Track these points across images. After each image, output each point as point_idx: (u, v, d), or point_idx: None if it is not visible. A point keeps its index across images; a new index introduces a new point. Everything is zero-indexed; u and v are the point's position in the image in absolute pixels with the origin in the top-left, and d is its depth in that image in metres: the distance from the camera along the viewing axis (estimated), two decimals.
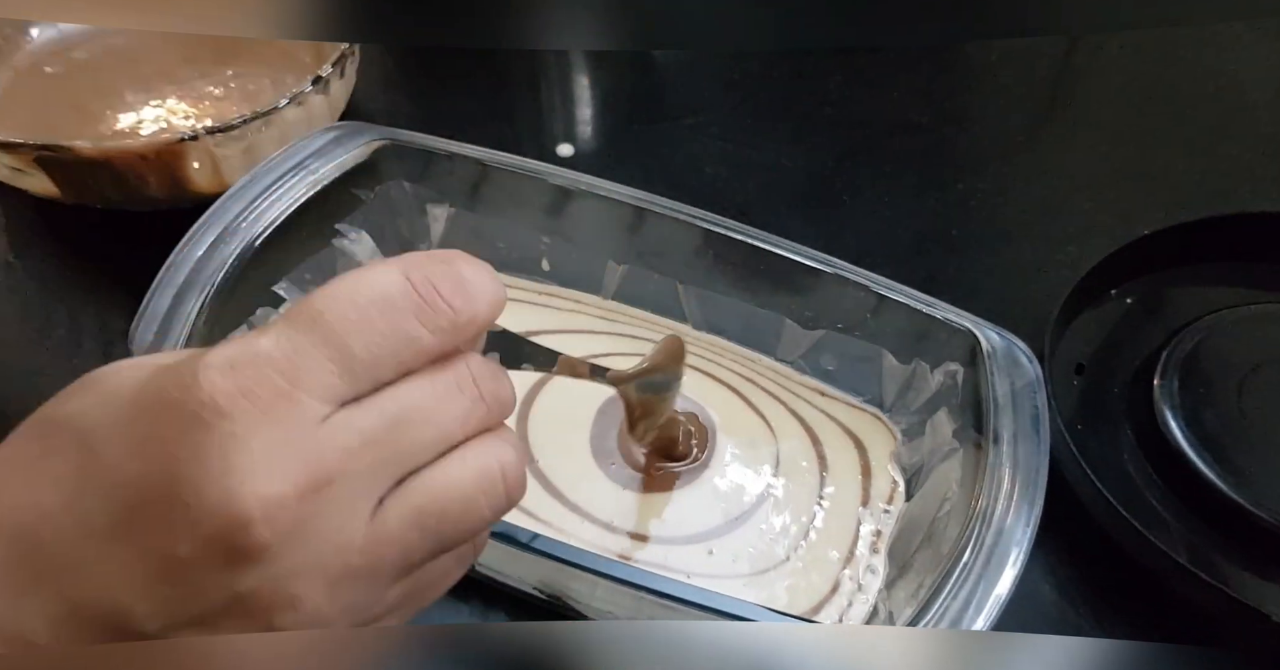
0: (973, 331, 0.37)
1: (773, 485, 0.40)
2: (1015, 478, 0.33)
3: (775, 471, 0.41)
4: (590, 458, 0.41)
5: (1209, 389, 0.41)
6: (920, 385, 0.41)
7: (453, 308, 0.21)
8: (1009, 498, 0.32)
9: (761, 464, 0.41)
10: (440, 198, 0.45)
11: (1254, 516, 0.37)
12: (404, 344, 0.21)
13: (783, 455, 0.41)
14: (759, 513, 0.39)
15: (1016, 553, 0.31)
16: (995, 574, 0.30)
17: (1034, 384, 0.36)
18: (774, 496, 0.40)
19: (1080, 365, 0.45)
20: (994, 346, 0.37)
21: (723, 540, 0.39)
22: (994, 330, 0.37)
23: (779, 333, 0.43)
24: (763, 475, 0.41)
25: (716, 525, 0.39)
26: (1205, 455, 0.39)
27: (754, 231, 0.40)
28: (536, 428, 0.42)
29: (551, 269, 0.47)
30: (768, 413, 0.43)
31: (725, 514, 0.39)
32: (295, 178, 0.40)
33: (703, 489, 0.40)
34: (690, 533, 0.39)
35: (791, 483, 0.41)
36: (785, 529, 0.39)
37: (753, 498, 0.40)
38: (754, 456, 0.41)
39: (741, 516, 0.39)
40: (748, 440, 0.42)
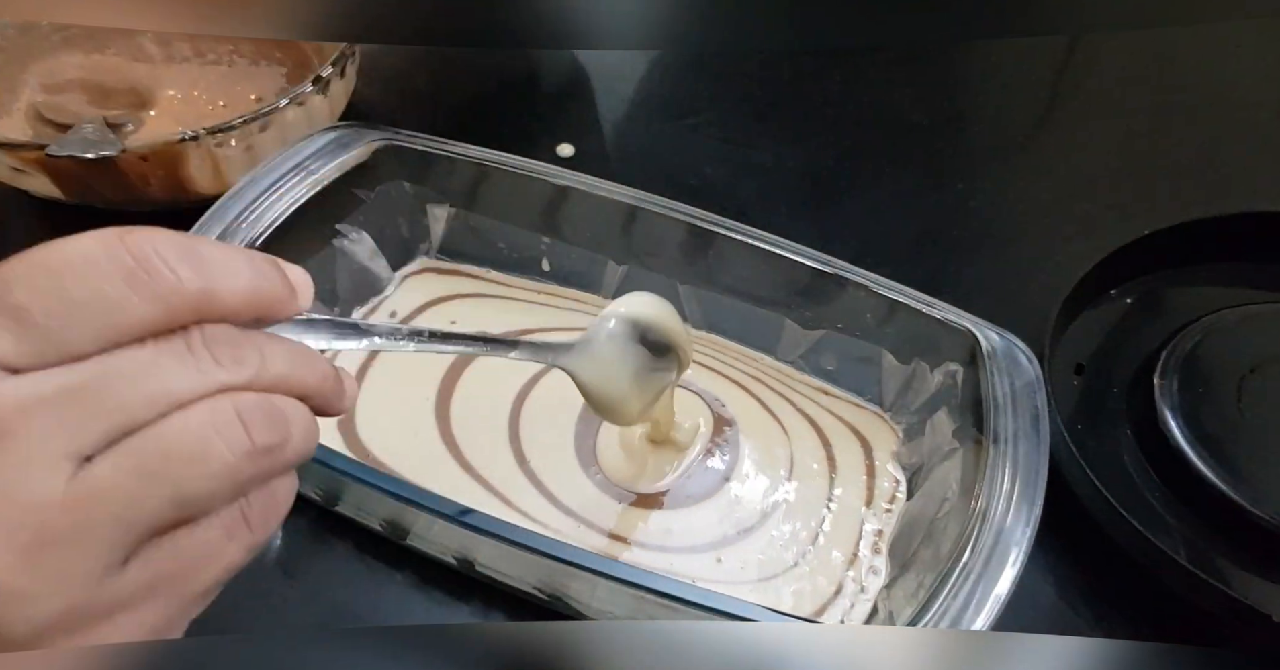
0: (972, 331, 0.37)
1: (786, 491, 0.40)
2: (1015, 477, 0.33)
3: (789, 475, 0.41)
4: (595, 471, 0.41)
5: (1209, 389, 0.41)
6: (920, 385, 0.41)
7: (177, 274, 0.19)
8: (1009, 498, 0.32)
9: (778, 468, 0.41)
10: (440, 198, 0.45)
11: (1253, 516, 0.37)
12: (106, 309, 0.19)
13: (796, 458, 0.41)
14: (771, 520, 0.39)
15: (1016, 552, 0.31)
16: (995, 574, 0.30)
17: (1034, 384, 0.36)
18: (787, 502, 0.40)
19: (1080, 365, 0.45)
20: (994, 346, 0.37)
21: (733, 549, 0.38)
22: (994, 330, 0.37)
23: (779, 333, 0.43)
24: (778, 481, 0.40)
25: (728, 535, 0.39)
26: (1205, 455, 0.39)
27: (754, 231, 0.40)
28: (527, 430, 0.41)
29: (551, 269, 0.47)
30: (780, 413, 0.43)
31: (739, 525, 0.39)
32: (295, 178, 0.40)
33: (723, 500, 0.40)
34: (701, 542, 0.38)
35: (803, 486, 0.40)
36: (795, 535, 0.39)
37: (768, 506, 0.39)
38: (771, 460, 0.41)
39: (755, 526, 0.39)
40: (764, 444, 0.42)
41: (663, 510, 0.39)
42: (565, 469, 0.40)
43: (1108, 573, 0.39)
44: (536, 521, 0.38)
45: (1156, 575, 0.36)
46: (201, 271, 0.20)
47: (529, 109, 0.60)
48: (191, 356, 0.20)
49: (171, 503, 0.19)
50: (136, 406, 0.19)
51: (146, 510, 0.19)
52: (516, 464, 0.40)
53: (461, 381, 0.43)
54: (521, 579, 0.36)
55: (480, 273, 0.47)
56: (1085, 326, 0.46)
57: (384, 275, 0.46)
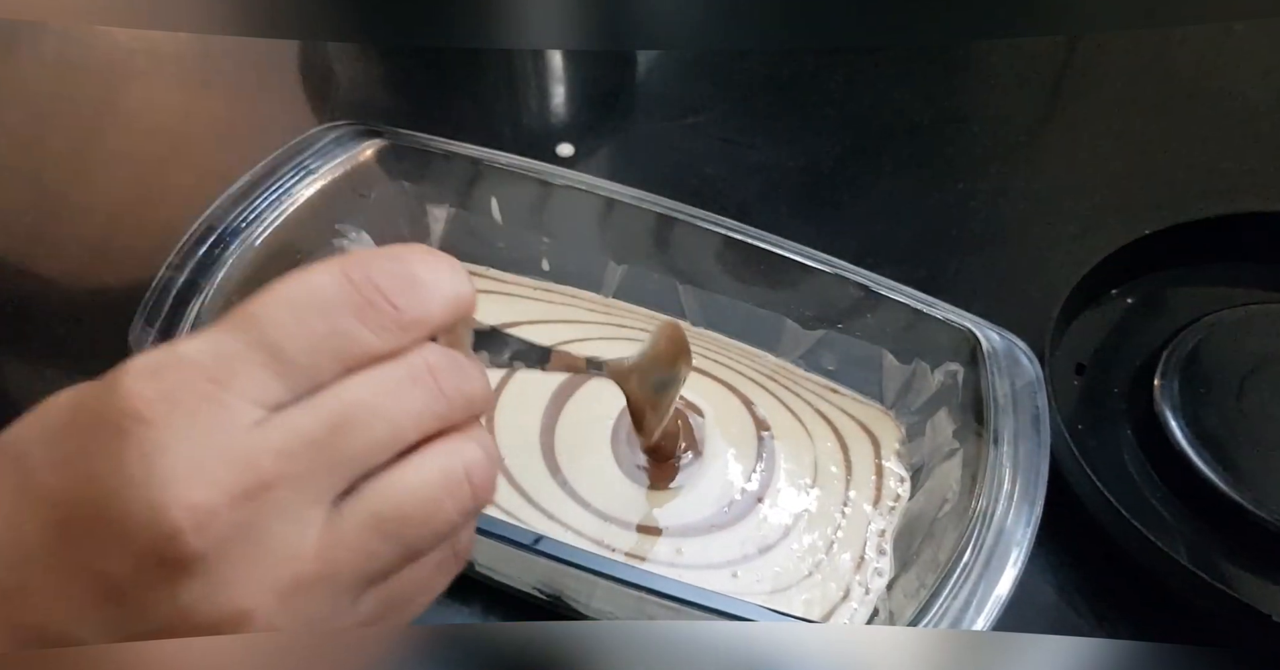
0: (973, 331, 0.37)
1: (809, 501, 0.39)
2: (1015, 478, 0.33)
3: (813, 482, 0.40)
4: (621, 475, 0.40)
5: (1209, 389, 0.41)
6: (921, 385, 0.41)
7: (396, 307, 0.21)
8: (1009, 498, 0.32)
9: (805, 476, 0.40)
10: (440, 198, 0.45)
11: (1254, 516, 0.37)
12: (344, 344, 0.20)
13: (819, 463, 0.40)
14: (793, 534, 0.38)
15: (1017, 553, 0.31)
16: (995, 574, 0.30)
17: (1034, 384, 0.36)
18: (808, 513, 0.39)
19: (1080, 365, 0.44)
20: (994, 346, 0.37)
21: (751, 565, 0.37)
22: (994, 330, 0.37)
23: (779, 333, 0.43)
24: (803, 491, 0.39)
25: (749, 554, 0.38)
26: (1205, 455, 0.39)
27: (754, 231, 0.40)
28: (561, 439, 0.41)
29: (551, 269, 0.47)
30: (801, 414, 0.42)
31: (761, 543, 0.38)
32: (295, 178, 0.40)
33: (751, 522, 0.38)
34: (719, 561, 0.37)
35: (823, 493, 0.39)
36: (813, 545, 0.38)
37: (791, 520, 0.38)
38: (800, 470, 0.40)
39: (776, 543, 0.38)
40: (794, 451, 0.41)
41: (684, 537, 0.38)
42: (601, 483, 0.39)
43: (1108, 573, 0.38)
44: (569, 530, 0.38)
45: (1157, 575, 0.36)
46: (417, 300, 0.21)
47: (529, 109, 0.60)
48: (416, 388, 0.21)
49: (402, 557, 0.21)
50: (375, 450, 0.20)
51: (382, 562, 0.21)
52: (549, 474, 0.40)
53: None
54: (521, 579, 0.36)
55: (480, 271, 0.47)
56: (1086, 326, 0.46)
57: None
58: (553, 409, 0.42)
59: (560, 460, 0.40)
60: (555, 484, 0.39)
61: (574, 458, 0.40)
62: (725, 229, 0.40)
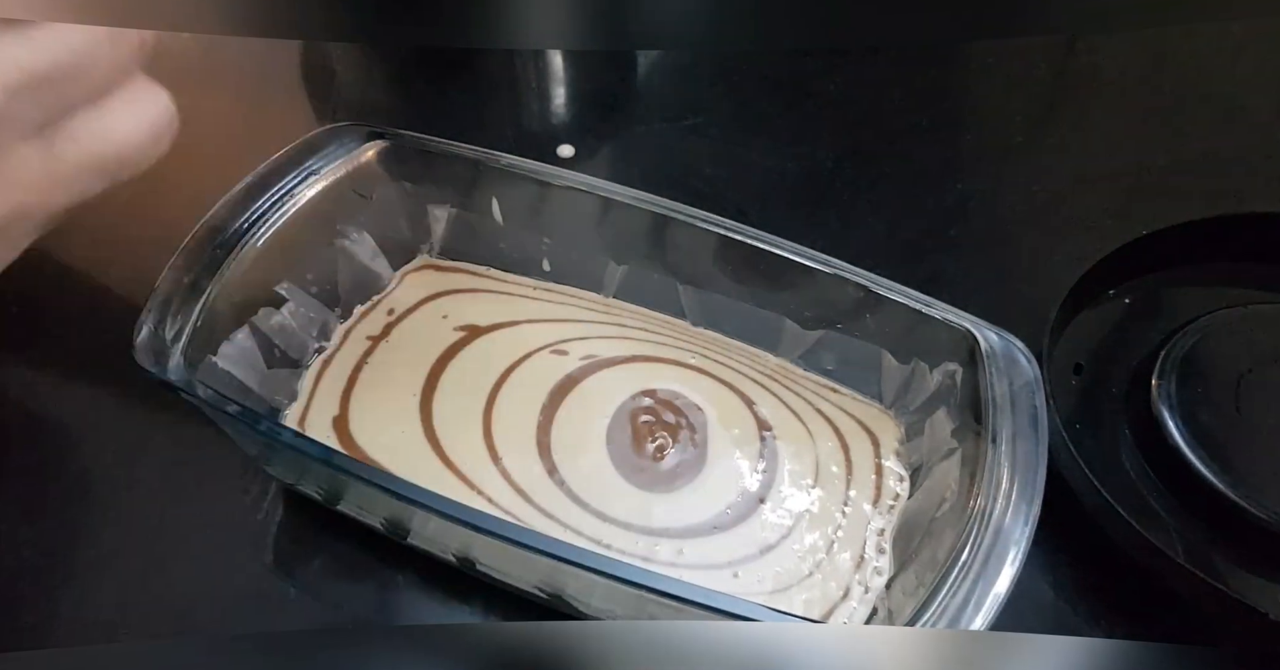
0: (971, 331, 0.37)
1: (811, 501, 0.39)
2: (1014, 477, 0.33)
3: (815, 482, 0.40)
4: (619, 477, 0.40)
5: (1207, 389, 0.41)
6: (919, 385, 0.41)
7: None
8: (1007, 497, 0.32)
9: (807, 477, 0.40)
10: (442, 198, 0.45)
11: (1252, 516, 0.37)
12: None
13: (821, 462, 0.41)
14: (794, 534, 0.38)
15: (1015, 552, 0.31)
16: (994, 573, 0.30)
17: (1032, 384, 0.36)
18: (810, 513, 0.39)
19: (1079, 365, 0.45)
20: (993, 346, 0.37)
21: (752, 565, 0.37)
22: (993, 330, 0.37)
23: (779, 333, 0.43)
24: (805, 491, 0.40)
25: (750, 554, 0.38)
26: (1203, 455, 0.39)
27: (754, 231, 0.40)
28: (559, 438, 0.41)
29: (552, 269, 0.47)
30: (802, 413, 0.42)
31: (762, 544, 0.38)
32: (297, 178, 0.40)
33: (754, 523, 0.38)
34: (720, 561, 0.37)
35: (825, 493, 0.40)
36: (814, 545, 0.38)
37: (793, 520, 0.39)
38: (802, 470, 0.40)
39: (778, 543, 0.38)
40: (796, 450, 0.41)
41: (685, 538, 0.38)
42: (599, 481, 0.40)
43: (1106, 572, 0.39)
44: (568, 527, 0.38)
45: (1155, 574, 0.36)
46: None
47: (529, 110, 0.60)
48: None
49: None
50: None
51: None
52: (545, 472, 0.40)
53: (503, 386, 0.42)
54: (522, 578, 0.36)
55: (481, 271, 0.48)
56: (1084, 326, 0.46)
57: (385, 274, 0.46)
58: (549, 407, 0.42)
59: (557, 459, 0.40)
60: (553, 483, 0.39)
61: (572, 457, 0.40)
62: (725, 229, 0.40)
